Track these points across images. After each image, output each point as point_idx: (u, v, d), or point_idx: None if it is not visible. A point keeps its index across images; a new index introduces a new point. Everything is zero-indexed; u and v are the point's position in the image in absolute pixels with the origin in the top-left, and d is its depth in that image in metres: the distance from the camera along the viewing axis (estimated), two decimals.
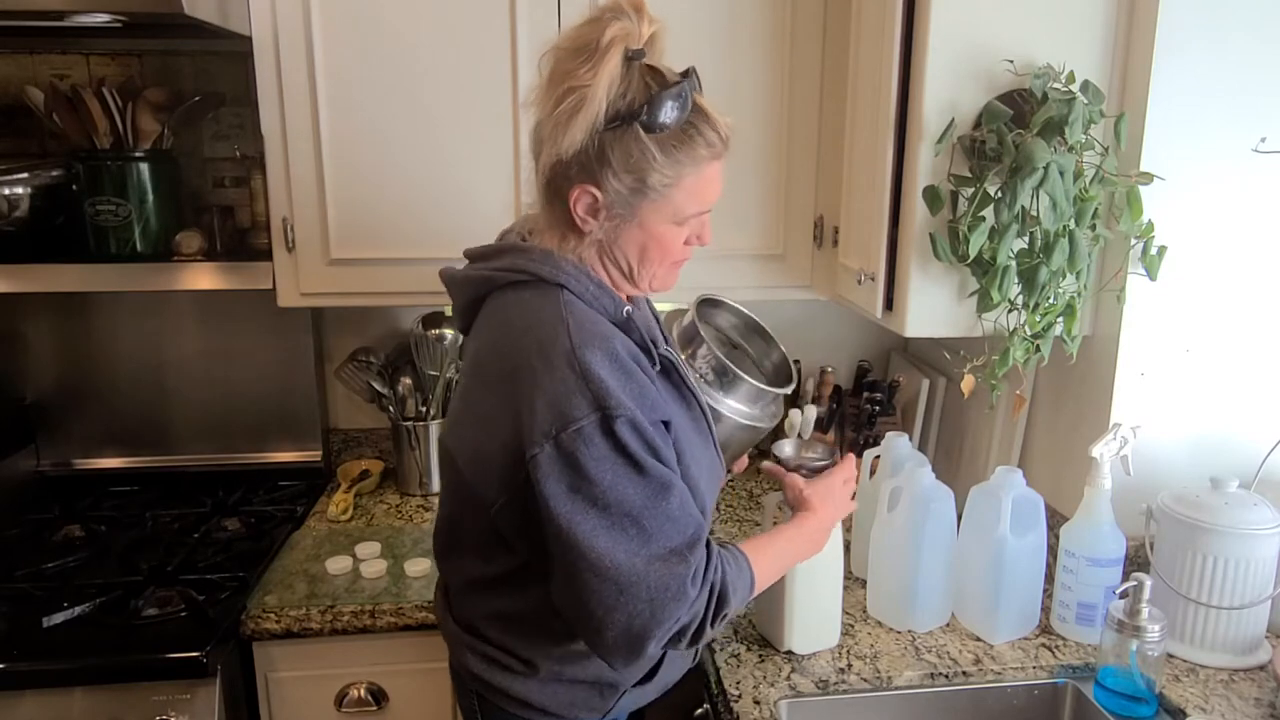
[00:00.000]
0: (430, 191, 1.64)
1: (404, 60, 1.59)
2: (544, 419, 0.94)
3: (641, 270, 1.08)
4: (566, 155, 0.97)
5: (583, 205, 1.01)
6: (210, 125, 1.90)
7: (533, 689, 1.11)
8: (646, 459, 0.95)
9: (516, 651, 1.10)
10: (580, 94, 0.94)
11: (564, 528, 0.94)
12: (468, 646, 1.13)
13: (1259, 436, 1.43)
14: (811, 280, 1.75)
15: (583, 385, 0.93)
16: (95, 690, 1.34)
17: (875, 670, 1.29)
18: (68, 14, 1.46)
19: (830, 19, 1.63)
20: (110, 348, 1.94)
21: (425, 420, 1.91)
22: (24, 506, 1.86)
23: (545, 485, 0.94)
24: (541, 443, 0.93)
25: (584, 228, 1.03)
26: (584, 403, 0.93)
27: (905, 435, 1.54)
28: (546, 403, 0.94)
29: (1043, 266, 1.30)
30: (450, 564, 1.19)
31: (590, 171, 0.99)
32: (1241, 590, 1.28)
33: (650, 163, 0.98)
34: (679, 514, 0.97)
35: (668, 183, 1.00)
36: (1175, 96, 1.33)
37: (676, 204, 1.03)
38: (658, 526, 0.95)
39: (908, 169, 1.39)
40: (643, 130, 0.97)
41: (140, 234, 1.75)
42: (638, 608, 0.94)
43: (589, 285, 1.03)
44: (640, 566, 0.94)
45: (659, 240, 1.05)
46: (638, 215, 1.02)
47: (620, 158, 0.98)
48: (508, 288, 1.06)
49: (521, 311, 1.02)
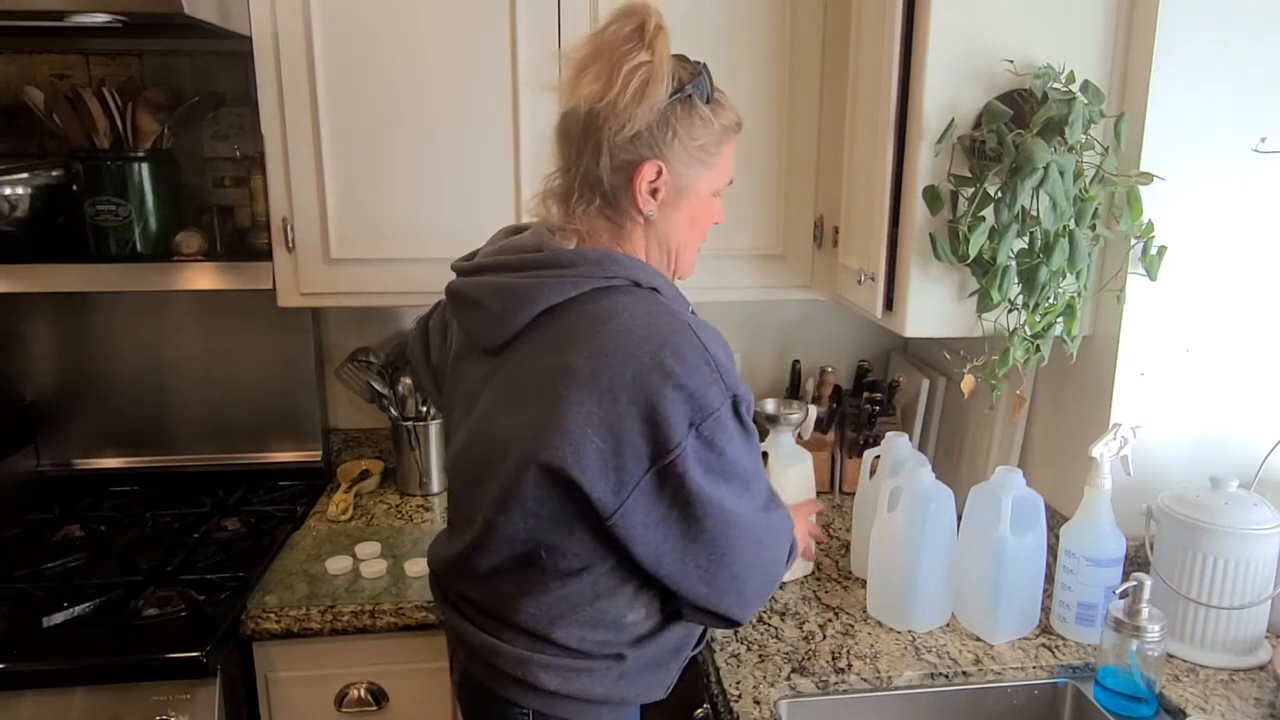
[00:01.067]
0: (430, 191, 1.64)
1: (404, 60, 1.59)
2: (685, 411, 0.98)
3: (683, 252, 1.14)
4: (638, 130, 1.02)
5: (647, 182, 1.05)
6: (210, 125, 1.90)
7: (612, 686, 1.10)
8: (753, 429, 1.06)
9: (598, 651, 1.09)
10: (647, 69, 1.00)
11: (714, 505, 1.01)
12: (540, 665, 1.07)
13: (1259, 436, 1.43)
14: (811, 280, 1.75)
15: (716, 377, 0.99)
16: (95, 690, 1.34)
17: (875, 670, 1.29)
18: (68, 14, 1.46)
19: (830, 19, 1.63)
20: (110, 348, 1.94)
21: (425, 420, 1.91)
22: (24, 506, 1.86)
23: (692, 473, 0.99)
24: (686, 433, 0.98)
25: (644, 208, 1.07)
26: (718, 392, 0.99)
27: (905, 435, 1.54)
28: (686, 396, 0.97)
29: (1043, 266, 1.30)
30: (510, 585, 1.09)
31: (656, 146, 1.04)
32: (1241, 590, 1.28)
33: (708, 129, 1.07)
34: (760, 464, 1.10)
35: (719, 149, 1.09)
36: (1175, 96, 1.33)
37: (719, 170, 1.11)
38: (759, 481, 1.08)
39: (908, 169, 1.39)
40: (698, 99, 1.05)
41: (140, 234, 1.75)
42: (769, 553, 1.09)
43: (670, 287, 1.09)
44: (762, 520, 1.06)
45: (706, 211, 1.13)
46: (695, 184, 1.09)
47: (685, 126, 1.05)
48: (595, 294, 1.03)
49: (634, 315, 1.01)
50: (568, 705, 1.09)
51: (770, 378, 2.13)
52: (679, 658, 1.19)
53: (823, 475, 1.93)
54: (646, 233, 1.10)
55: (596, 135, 1.04)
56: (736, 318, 2.09)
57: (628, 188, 1.06)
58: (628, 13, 1.02)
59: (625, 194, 1.06)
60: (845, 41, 1.62)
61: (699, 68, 1.07)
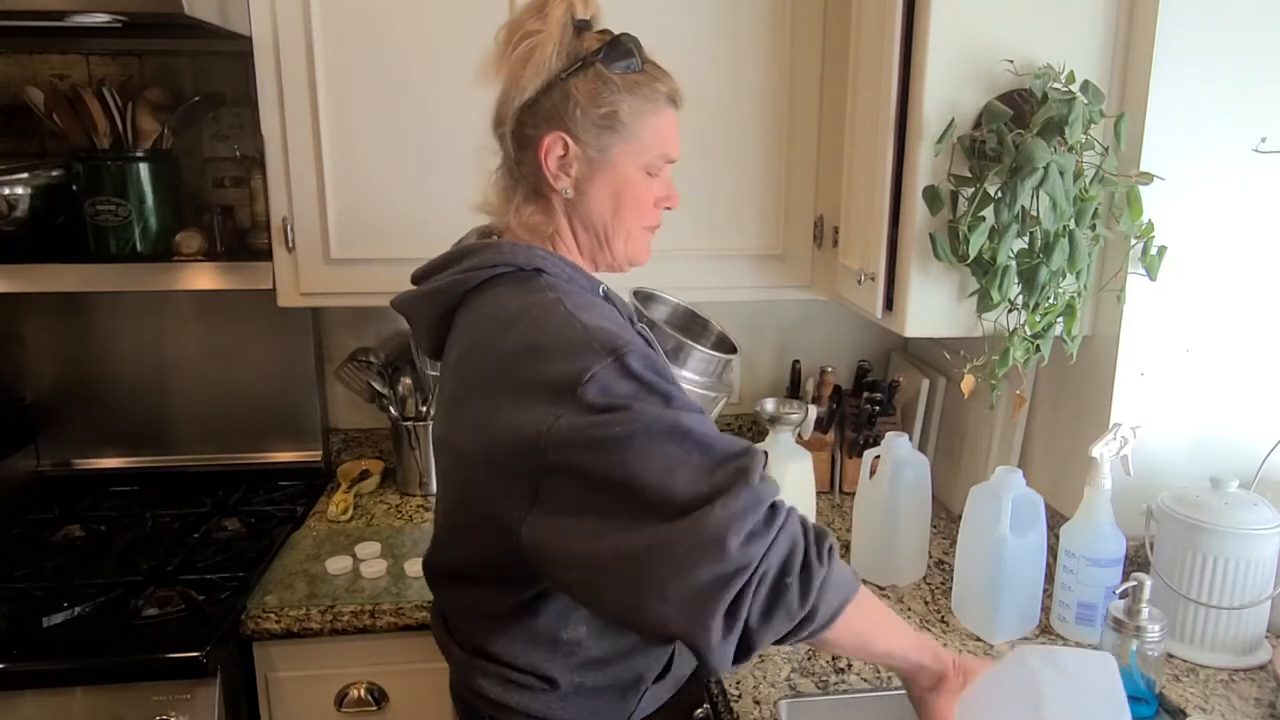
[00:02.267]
0: (430, 191, 1.64)
1: (404, 60, 1.59)
2: (557, 384, 0.85)
3: (615, 228, 1.06)
4: (530, 97, 1.00)
5: (554, 156, 1.01)
6: (210, 125, 1.90)
7: (554, 704, 1.05)
8: (666, 386, 0.87)
9: (535, 670, 1.05)
10: (534, 37, 0.99)
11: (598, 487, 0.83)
12: (479, 671, 1.06)
13: (1259, 436, 1.43)
14: (811, 280, 1.75)
15: (587, 340, 0.88)
16: (95, 690, 1.34)
17: (875, 670, 1.29)
18: (68, 14, 1.46)
19: (830, 19, 1.63)
20: (110, 348, 1.94)
21: (425, 420, 1.91)
22: (24, 506, 1.86)
23: (570, 451, 0.83)
24: (560, 408, 0.84)
25: (556, 183, 1.03)
26: (591, 353, 0.86)
27: (905, 435, 1.54)
28: (554, 369, 0.86)
29: (1043, 266, 1.30)
30: (452, 594, 1.12)
31: (558, 117, 1.00)
32: (1241, 590, 1.28)
33: (618, 94, 1.01)
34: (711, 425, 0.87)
35: (635, 116, 1.02)
36: (1175, 96, 1.33)
37: (645, 142, 1.04)
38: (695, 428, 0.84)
39: (908, 169, 1.39)
40: (604, 68, 1.01)
41: (140, 234, 1.75)
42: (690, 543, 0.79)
43: (564, 267, 1.02)
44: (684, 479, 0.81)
45: (631, 186, 1.05)
46: (610, 155, 1.03)
47: (587, 95, 1.00)
48: (483, 286, 1.02)
49: (504, 301, 0.98)
50: (516, 716, 1.05)
51: (770, 378, 2.13)
52: (636, 690, 1.09)
53: (823, 475, 1.93)
54: (569, 213, 1.06)
55: (502, 111, 1.03)
56: (736, 318, 2.08)
57: (536, 164, 1.02)
58: None
59: (536, 172, 1.03)
60: (845, 41, 1.62)
61: (618, 38, 1.02)
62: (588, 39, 1.02)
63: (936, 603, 1.49)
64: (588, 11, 1.03)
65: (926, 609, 1.47)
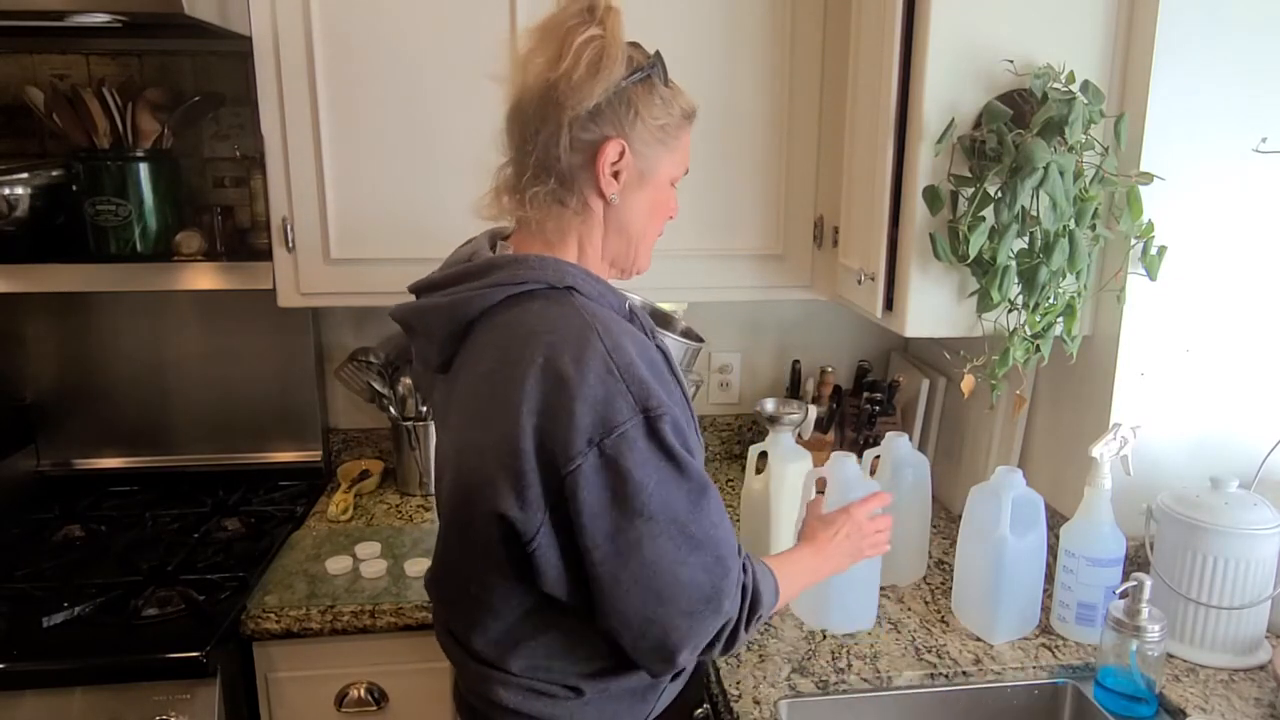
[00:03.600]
0: (430, 191, 1.64)
1: (404, 60, 1.59)
2: (585, 426, 0.89)
3: (644, 237, 1.08)
4: (597, 105, 0.98)
5: (609, 162, 1.00)
6: (210, 125, 1.90)
7: (576, 711, 1.04)
8: (686, 458, 0.93)
9: (559, 681, 1.04)
10: (600, 43, 0.96)
11: (607, 536, 0.91)
12: (498, 682, 1.04)
13: (1259, 436, 1.43)
14: (811, 280, 1.75)
15: (623, 388, 0.90)
16: (95, 690, 1.34)
17: (875, 670, 1.29)
18: (68, 14, 1.46)
19: (830, 19, 1.63)
20: (110, 348, 1.94)
21: (425, 420, 1.91)
22: (24, 506, 1.86)
23: (587, 497, 0.90)
24: (585, 452, 0.89)
25: (607, 190, 1.01)
26: (626, 405, 0.90)
27: (905, 435, 1.54)
28: (587, 408, 0.89)
29: (1043, 266, 1.30)
30: (461, 614, 1.09)
31: (619, 123, 1.00)
32: (1241, 590, 1.28)
33: (669, 110, 1.03)
34: (718, 519, 0.96)
35: (679, 133, 1.05)
36: (1175, 96, 1.33)
37: (678, 156, 1.07)
38: (703, 533, 0.94)
39: (908, 169, 1.39)
40: (657, 79, 1.02)
41: (140, 234, 1.75)
42: (676, 621, 0.93)
43: (594, 283, 1.01)
44: (684, 577, 0.93)
45: (662, 202, 1.08)
46: (658, 169, 1.05)
47: (647, 106, 1.01)
48: (509, 302, 0.99)
49: (539, 321, 0.95)
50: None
51: (770, 378, 2.13)
52: (655, 690, 1.10)
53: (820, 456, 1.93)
54: (606, 219, 1.04)
55: (556, 114, 0.98)
56: (736, 318, 2.09)
57: (589, 169, 1.00)
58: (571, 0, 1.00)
59: (585, 175, 1.01)
60: (845, 41, 1.62)
61: (654, 54, 1.04)
62: (633, 52, 1.01)
63: (936, 603, 1.49)
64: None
65: (926, 609, 1.47)
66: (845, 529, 1.21)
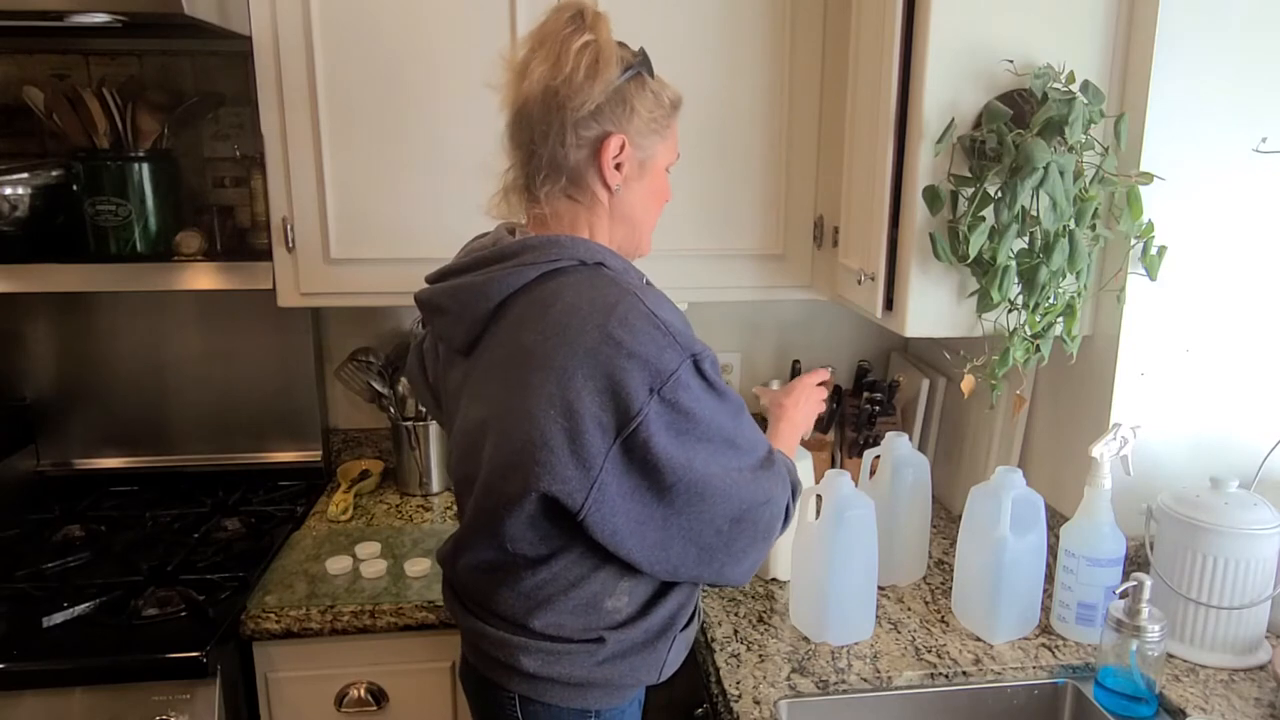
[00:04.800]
0: (430, 191, 1.64)
1: (404, 59, 1.59)
2: (640, 379, 0.98)
3: (644, 222, 1.17)
4: (598, 104, 1.05)
5: (611, 155, 1.08)
6: (210, 125, 1.90)
7: (593, 670, 1.10)
8: (724, 387, 1.06)
9: (577, 636, 1.10)
10: (593, 47, 1.04)
11: (682, 468, 1.01)
12: (519, 647, 1.10)
13: (1259, 436, 1.43)
14: (811, 280, 1.75)
15: (669, 339, 1.00)
16: (95, 690, 1.34)
17: (875, 670, 1.29)
18: (68, 14, 1.46)
19: (830, 19, 1.63)
20: (110, 348, 1.94)
21: (425, 420, 1.91)
22: (24, 506, 1.86)
23: (657, 438, 0.99)
24: (647, 401, 0.98)
25: (611, 181, 1.10)
26: (673, 354, 0.99)
27: (905, 435, 1.54)
28: (638, 363, 0.98)
29: (1043, 266, 1.30)
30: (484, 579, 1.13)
31: (616, 120, 1.08)
32: (1241, 590, 1.28)
33: (660, 102, 1.12)
34: (751, 427, 1.10)
35: (668, 124, 1.14)
36: (1175, 96, 1.33)
37: (670, 145, 1.16)
38: (748, 441, 1.08)
39: (908, 169, 1.39)
40: (646, 75, 1.10)
41: (140, 234, 1.75)
42: (753, 516, 1.08)
43: (620, 260, 1.10)
44: (746, 481, 1.06)
45: (660, 189, 1.17)
46: (655, 157, 1.13)
47: (640, 101, 1.09)
48: (544, 279, 1.05)
49: (579, 295, 1.02)
50: (552, 689, 1.11)
51: (770, 378, 2.12)
52: (666, 637, 1.15)
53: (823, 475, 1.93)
54: (611, 209, 1.13)
55: (560, 115, 1.06)
56: (736, 318, 2.09)
57: (593, 163, 1.09)
58: (562, 6, 1.07)
59: (590, 170, 1.09)
60: (845, 41, 1.62)
61: (639, 51, 1.11)
62: (621, 51, 1.09)
63: (936, 603, 1.49)
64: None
65: (926, 609, 1.47)
66: (801, 395, 1.40)
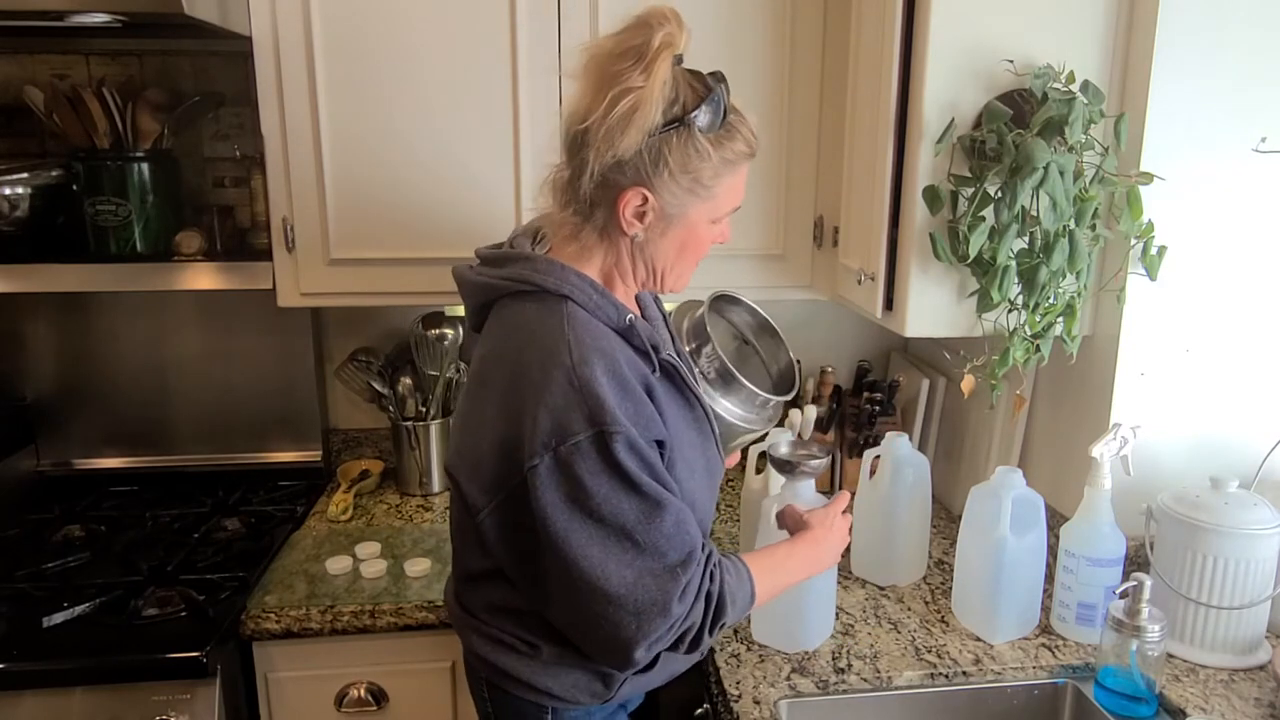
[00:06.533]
0: (430, 191, 1.64)
1: (403, 60, 1.59)
2: (544, 430, 0.96)
3: (671, 269, 1.10)
4: (625, 157, 0.98)
5: (631, 208, 1.02)
6: (210, 125, 1.90)
7: (537, 671, 1.11)
8: (642, 477, 0.97)
9: (519, 634, 1.11)
10: (636, 95, 0.95)
11: (558, 537, 0.96)
12: (473, 629, 1.15)
13: (1259, 436, 1.43)
14: (811, 280, 1.75)
15: (581, 401, 0.95)
16: (95, 690, 1.34)
17: (875, 670, 1.29)
18: (68, 14, 1.46)
19: (830, 19, 1.63)
20: (110, 348, 1.94)
21: (425, 420, 1.91)
22: (24, 506, 1.86)
23: (542, 495, 0.96)
24: (541, 454, 0.96)
25: (629, 230, 1.04)
26: (581, 418, 0.95)
27: (905, 435, 1.54)
28: (547, 414, 0.96)
29: (1043, 266, 1.30)
30: (455, 555, 1.21)
31: (644, 175, 1.00)
32: (1241, 590, 1.28)
33: (705, 161, 1.02)
34: (673, 531, 0.99)
35: (716, 179, 1.04)
36: (1175, 96, 1.33)
37: (719, 201, 1.07)
38: (651, 542, 0.98)
39: (908, 169, 1.39)
40: (698, 130, 1.00)
41: (140, 234, 1.75)
42: (624, 619, 0.98)
43: (592, 295, 1.04)
44: (630, 579, 0.97)
45: (698, 239, 1.09)
46: (686, 213, 1.05)
47: (678, 159, 1.00)
48: (512, 297, 1.07)
49: (524, 322, 1.04)
50: (506, 679, 1.12)
51: None
52: (614, 678, 1.13)
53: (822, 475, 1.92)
54: (632, 250, 1.08)
55: (583, 153, 1.00)
56: None
57: (611, 209, 1.03)
58: (638, 25, 0.98)
59: (608, 213, 1.04)
60: (845, 41, 1.62)
61: (712, 90, 1.01)
62: (683, 92, 1.00)
63: (936, 603, 1.49)
64: (684, 44, 1.00)
65: (926, 609, 1.47)
66: (833, 523, 1.23)
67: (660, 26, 0.96)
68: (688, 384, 1.11)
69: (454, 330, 1.89)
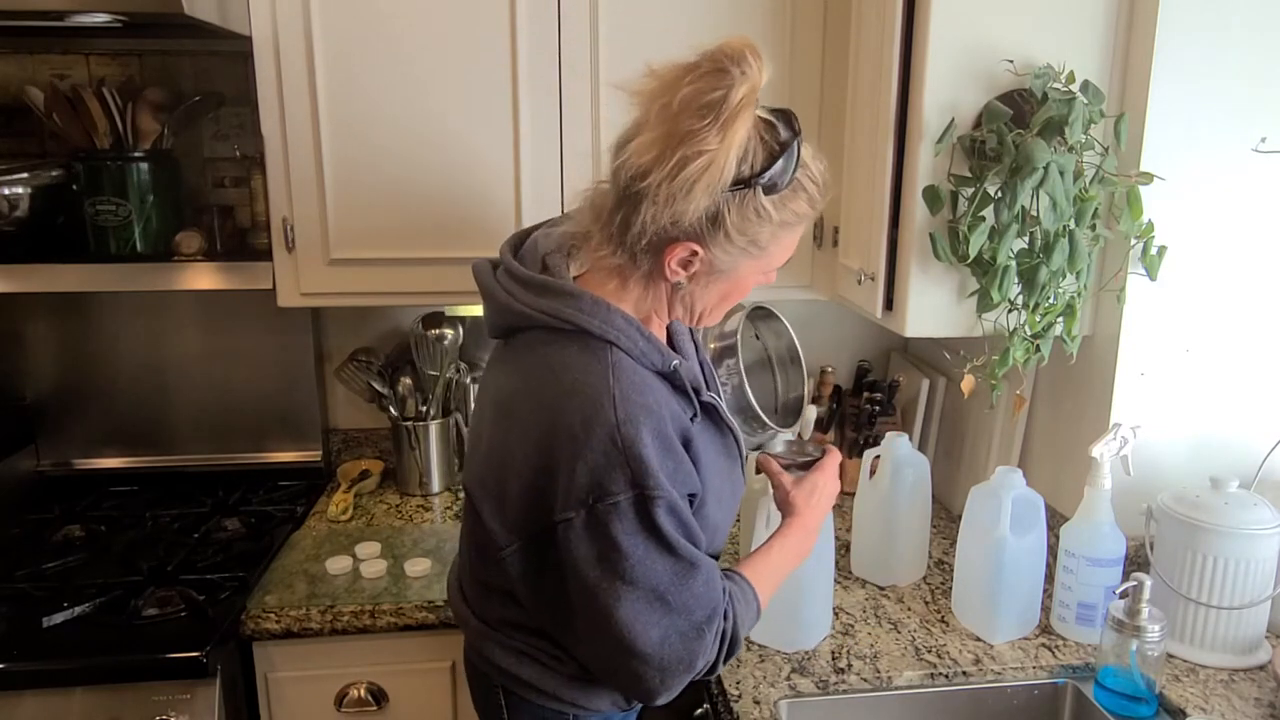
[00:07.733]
0: (431, 192, 1.64)
1: (404, 60, 1.59)
2: (581, 486, 0.93)
3: (710, 314, 1.07)
4: (685, 221, 0.93)
5: (678, 259, 0.97)
6: (210, 125, 1.90)
7: (563, 684, 1.09)
8: (678, 539, 0.96)
9: (544, 648, 1.09)
10: (709, 158, 0.88)
11: (587, 593, 0.96)
12: (495, 641, 1.12)
13: (1259, 436, 1.43)
14: (811, 280, 1.75)
15: (624, 462, 0.92)
16: (95, 690, 1.34)
17: (875, 670, 1.29)
18: (68, 14, 1.46)
19: (830, 19, 1.62)
20: (110, 348, 1.94)
21: (425, 420, 1.91)
22: (24, 506, 1.86)
23: (574, 549, 0.95)
24: (577, 509, 0.94)
25: (672, 278, 1.00)
26: (623, 479, 0.92)
27: (905, 435, 1.54)
28: (586, 470, 0.93)
29: (1043, 266, 1.30)
30: (468, 563, 1.17)
31: (698, 232, 0.95)
32: (1241, 590, 1.28)
33: (765, 223, 0.97)
34: (703, 591, 0.98)
35: (773, 239, 1.00)
36: (1175, 96, 1.33)
37: (771, 259, 1.03)
38: (681, 602, 0.96)
39: (908, 169, 1.39)
40: (763, 192, 0.95)
41: (140, 234, 1.75)
42: (649, 673, 0.97)
43: (639, 341, 1.00)
44: (656, 639, 0.96)
45: (742, 288, 1.06)
46: (737, 271, 1.01)
47: (737, 221, 0.95)
48: (549, 330, 1.00)
49: (566, 366, 0.97)
50: (527, 689, 1.11)
51: None
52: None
53: None
54: (672, 293, 1.03)
55: (638, 206, 0.94)
56: None
57: (658, 257, 0.98)
58: (717, 70, 0.89)
59: (654, 260, 0.98)
60: (845, 41, 1.62)
61: (786, 148, 0.94)
62: (753, 148, 0.93)
63: (936, 603, 1.49)
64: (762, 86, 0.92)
65: (926, 609, 1.47)
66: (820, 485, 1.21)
67: (744, 77, 0.88)
68: (724, 419, 1.11)
69: (454, 330, 1.89)
